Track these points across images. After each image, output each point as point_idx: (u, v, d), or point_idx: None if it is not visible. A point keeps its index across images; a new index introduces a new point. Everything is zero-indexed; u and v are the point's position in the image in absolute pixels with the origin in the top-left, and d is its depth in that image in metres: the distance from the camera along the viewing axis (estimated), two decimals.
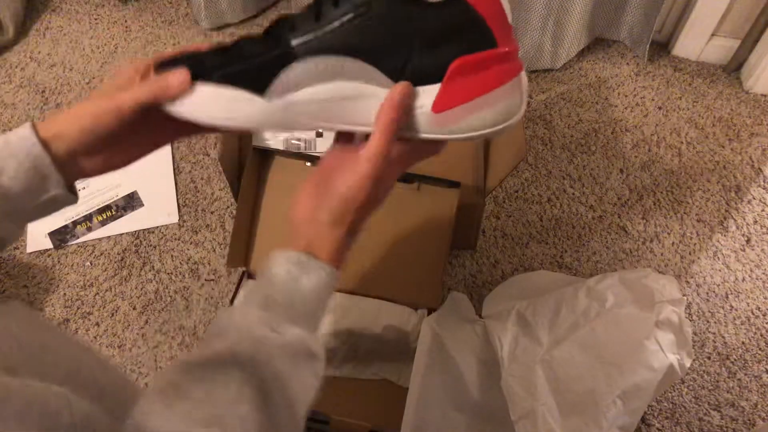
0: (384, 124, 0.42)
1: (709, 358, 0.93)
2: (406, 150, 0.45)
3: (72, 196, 0.45)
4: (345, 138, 0.48)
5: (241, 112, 0.42)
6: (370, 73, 0.42)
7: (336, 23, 0.41)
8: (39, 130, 0.42)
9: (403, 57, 0.42)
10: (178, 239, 1.08)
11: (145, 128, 0.45)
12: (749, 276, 1.00)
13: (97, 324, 0.99)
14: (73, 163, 0.43)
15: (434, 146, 0.47)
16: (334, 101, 0.43)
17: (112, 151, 0.45)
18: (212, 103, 0.42)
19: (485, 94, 0.43)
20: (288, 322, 0.42)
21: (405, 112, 0.43)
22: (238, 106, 0.42)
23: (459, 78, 0.43)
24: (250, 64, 0.42)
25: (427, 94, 0.43)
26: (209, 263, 1.05)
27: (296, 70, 0.42)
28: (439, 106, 0.43)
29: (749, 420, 0.88)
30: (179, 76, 0.42)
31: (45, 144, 0.41)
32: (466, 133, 0.44)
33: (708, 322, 0.96)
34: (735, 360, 0.92)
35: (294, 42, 0.42)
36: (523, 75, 0.45)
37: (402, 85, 0.42)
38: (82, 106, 0.43)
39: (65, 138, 0.42)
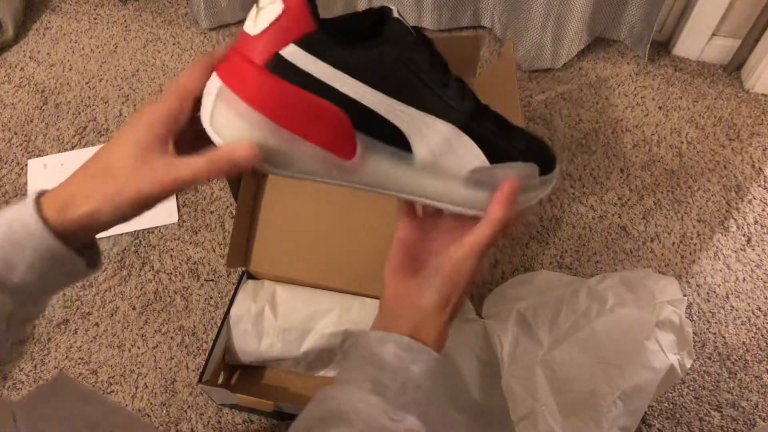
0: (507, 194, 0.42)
1: (709, 358, 0.92)
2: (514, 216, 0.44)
3: (92, 270, 0.41)
4: (408, 209, 0.47)
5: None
6: None
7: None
8: (43, 206, 0.36)
9: None
10: (178, 239, 1.08)
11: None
12: (750, 276, 1.00)
13: (97, 324, 0.99)
14: (89, 225, 0.38)
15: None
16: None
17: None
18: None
19: None
20: (401, 410, 0.40)
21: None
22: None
23: None
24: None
25: None
26: (209, 263, 1.05)
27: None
28: None
29: (750, 420, 0.87)
30: (247, 150, 0.37)
31: (54, 224, 0.36)
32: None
33: (708, 322, 0.96)
34: (735, 360, 0.92)
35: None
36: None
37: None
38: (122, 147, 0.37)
39: (82, 200, 0.37)
